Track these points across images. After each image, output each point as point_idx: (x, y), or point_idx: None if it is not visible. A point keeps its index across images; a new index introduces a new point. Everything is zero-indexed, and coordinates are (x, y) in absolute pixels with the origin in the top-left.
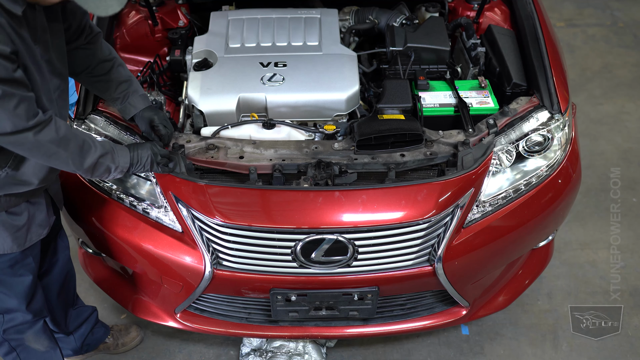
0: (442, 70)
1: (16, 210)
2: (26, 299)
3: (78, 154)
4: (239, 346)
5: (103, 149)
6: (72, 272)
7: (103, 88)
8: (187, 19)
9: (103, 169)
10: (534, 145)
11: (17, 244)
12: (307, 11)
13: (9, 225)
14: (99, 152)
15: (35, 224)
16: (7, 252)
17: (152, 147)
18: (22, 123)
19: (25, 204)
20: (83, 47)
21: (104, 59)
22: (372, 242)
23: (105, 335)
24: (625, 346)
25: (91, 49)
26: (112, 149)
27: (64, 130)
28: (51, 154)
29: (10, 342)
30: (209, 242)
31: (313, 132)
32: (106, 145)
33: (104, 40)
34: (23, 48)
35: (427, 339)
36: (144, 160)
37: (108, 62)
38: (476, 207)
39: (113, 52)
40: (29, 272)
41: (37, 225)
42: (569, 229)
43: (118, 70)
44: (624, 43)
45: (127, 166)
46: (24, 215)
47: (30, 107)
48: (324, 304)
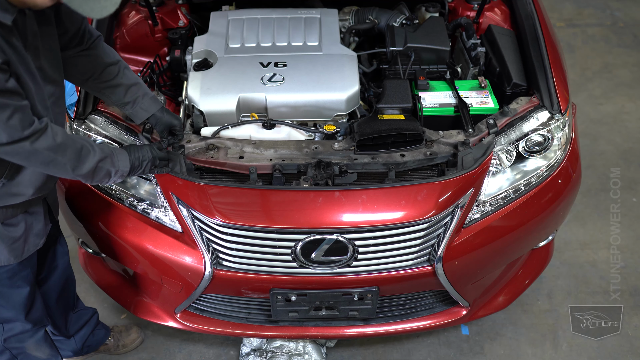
0: (442, 70)
1: (13, 222)
2: (25, 309)
3: (76, 159)
4: (239, 346)
5: (102, 152)
6: (71, 277)
7: (112, 93)
8: (187, 19)
9: (103, 173)
10: (534, 145)
11: (14, 256)
12: (307, 11)
13: (5, 237)
14: (98, 156)
15: (32, 234)
16: (4, 264)
17: (151, 150)
18: (18, 133)
19: (22, 215)
20: (84, 53)
21: (110, 63)
22: (372, 242)
23: (105, 337)
24: (625, 346)
25: (93, 54)
26: (112, 153)
27: (61, 136)
28: (49, 162)
29: (12, 351)
30: (209, 242)
31: (313, 132)
32: (105, 149)
33: (106, 44)
34: (15, 57)
35: (427, 339)
36: (144, 164)
37: (114, 65)
38: (476, 207)
39: (117, 55)
40: (27, 283)
41: (34, 236)
42: (569, 229)
43: (125, 74)
44: (624, 43)
45: (128, 170)
46: (21, 226)
47: (25, 116)
48: (324, 304)
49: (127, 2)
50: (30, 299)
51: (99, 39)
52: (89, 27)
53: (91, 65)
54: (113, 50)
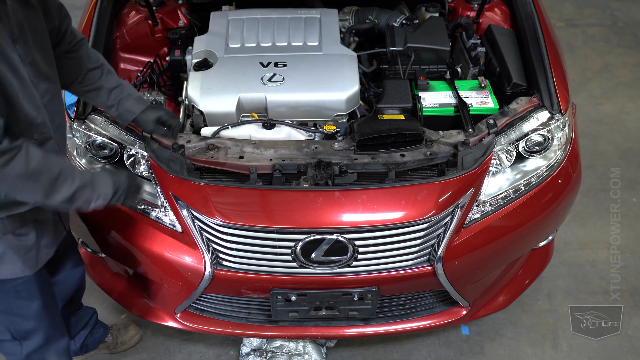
0: (442, 70)
1: (23, 231)
2: (43, 321)
3: (50, 187)
4: (239, 346)
5: (81, 180)
6: (82, 287)
7: (95, 97)
8: (187, 19)
9: (82, 200)
10: (534, 145)
11: (29, 267)
12: (307, 11)
13: (18, 247)
14: (77, 184)
15: (43, 244)
16: (19, 275)
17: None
18: None
19: (32, 224)
20: (67, 55)
21: (93, 67)
22: (372, 242)
23: (104, 335)
24: (625, 346)
25: (76, 57)
26: (93, 179)
27: (35, 162)
28: (17, 189)
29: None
30: (209, 242)
31: (313, 132)
32: (86, 176)
33: (91, 47)
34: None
35: (427, 339)
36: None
37: (97, 69)
38: (476, 207)
39: (101, 58)
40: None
41: (45, 245)
42: (569, 229)
43: (107, 77)
44: (624, 43)
45: (110, 195)
46: (32, 235)
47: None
48: (324, 304)
49: (127, 2)
50: (48, 310)
51: (82, 41)
52: (72, 29)
53: (74, 68)
54: (97, 53)
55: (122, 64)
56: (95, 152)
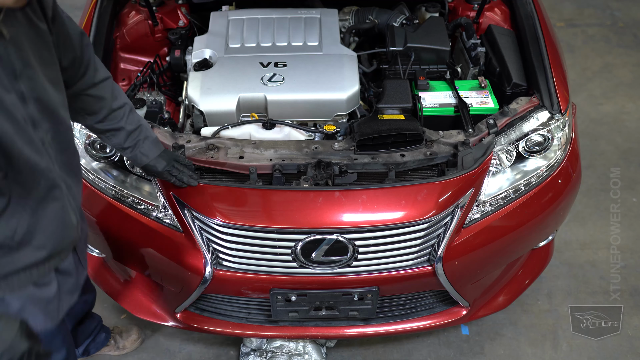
0: (442, 70)
1: (45, 281)
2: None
3: None
4: (239, 346)
5: None
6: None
7: (112, 137)
8: (187, 19)
9: None
10: (534, 145)
11: (50, 318)
12: (307, 11)
13: (39, 299)
14: None
15: (64, 291)
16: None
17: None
18: None
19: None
20: (90, 91)
21: (117, 107)
22: (372, 242)
23: (106, 340)
24: (625, 346)
25: (100, 94)
26: None
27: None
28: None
29: None
30: (209, 242)
31: (313, 132)
32: None
33: (117, 84)
34: None
35: (427, 339)
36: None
37: (121, 109)
38: (476, 207)
39: (125, 97)
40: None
41: (66, 293)
42: (569, 229)
43: (130, 118)
44: (624, 43)
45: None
46: (54, 284)
47: None
48: (324, 304)
49: (127, 2)
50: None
51: (108, 80)
52: (96, 64)
53: (96, 106)
54: (122, 91)
55: (122, 64)
56: (96, 152)
